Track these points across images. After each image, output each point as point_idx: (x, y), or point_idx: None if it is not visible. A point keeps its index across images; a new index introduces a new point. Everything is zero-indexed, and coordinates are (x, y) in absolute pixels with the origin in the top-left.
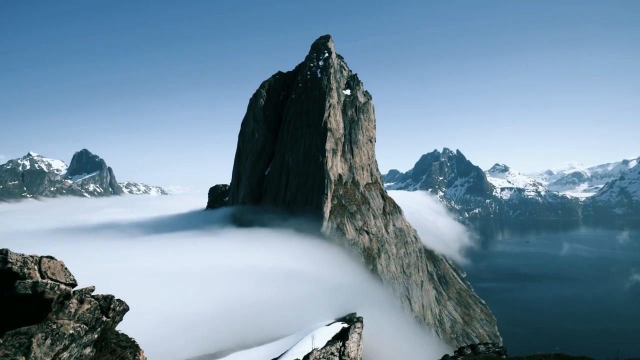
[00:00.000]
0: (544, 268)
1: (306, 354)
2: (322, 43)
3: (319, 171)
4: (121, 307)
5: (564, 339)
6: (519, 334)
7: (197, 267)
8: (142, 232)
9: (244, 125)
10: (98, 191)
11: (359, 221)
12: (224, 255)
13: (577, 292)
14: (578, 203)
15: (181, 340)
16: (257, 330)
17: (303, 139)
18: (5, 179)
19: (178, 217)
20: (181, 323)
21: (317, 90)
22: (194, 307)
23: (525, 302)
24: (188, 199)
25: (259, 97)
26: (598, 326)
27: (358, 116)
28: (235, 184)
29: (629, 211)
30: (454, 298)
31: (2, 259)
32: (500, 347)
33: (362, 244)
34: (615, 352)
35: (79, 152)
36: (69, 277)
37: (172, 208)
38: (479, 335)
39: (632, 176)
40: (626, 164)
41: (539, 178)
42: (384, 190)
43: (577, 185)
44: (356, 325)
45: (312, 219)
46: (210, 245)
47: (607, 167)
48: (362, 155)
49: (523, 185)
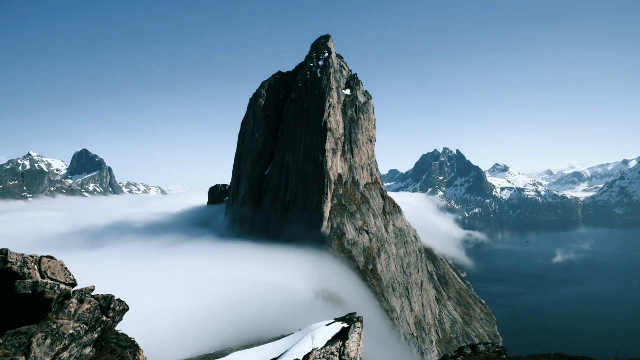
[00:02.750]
0: (544, 268)
1: (306, 354)
2: (322, 43)
3: (319, 171)
4: (121, 307)
5: (564, 339)
6: (519, 334)
7: (198, 269)
8: (142, 232)
9: (244, 125)
10: (98, 191)
11: (359, 221)
12: (224, 263)
13: (577, 292)
14: (578, 203)
15: (181, 340)
16: (257, 330)
17: (303, 139)
18: (5, 179)
19: (178, 217)
20: (181, 323)
21: (317, 90)
22: (194, 307)
23: (525, 302)
24: (188, 198)
25: (259, 97)
26: (598, 326)
27: (358, 116)
28: (235, 183)
29: (629, 211)
30: (454, 298)
31: (2, 259)
32: (500, 347)
33: (362, 244)
34: (615, 352)
35: (79, 152)
36: (69, 277)
37: (172, 208)
38: (479, 335)
39: (632, 176)
40: (626, 164)
41: (539, 178)
42: (384, 190)
43: (577, 185)
44: (356, 325)
45: (312, 219)
46: (211, 249)
47: (607, 167)
48: (362, 155)
49: (523, 185)
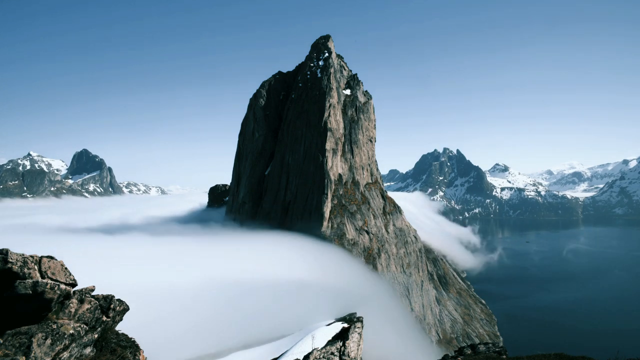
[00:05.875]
0: (544, 268)
1: (306, 354)
2: (322, 43)
3: (319, 171)
4: (121, 307)
5: (564, 339)
6: (519, 334)
7: (198, 267)
8: (141, 232)
9: (244, 125)
10: (98, 191)
11: (359, 221)
12: (224, 256)
13: (577, 291)
14: (578, 203)
15: (181, 340)
16: (257, 330)
17: (303, 139)
18: (5, 179)
19: (178, 216)
20: (181, 323)
21: (317, 90)
22: (194, 307)
23: (525, 302)
24: (188, 198)
25: (259, 97)
26: (598, 326)
27: (358, 116)
28: (236, 183)
29: (629, 211)
30: (454, 298)
31: (2, 258)
32: (500, 347)
33: (362, 244)
34: (615, 352)
35: (79, 152)
36: (69, 277)
37: (172, 208)
38: (479, 335)
39: (632, 176)
40: (626, 164)
41: (539, 178)
42: (384, 190)
43: (577, 185)
44: (356, 325)
45: (312, 219)
46: (211, 245)
47: (607, 167)
48: (362, 155)
49: (523, 185)
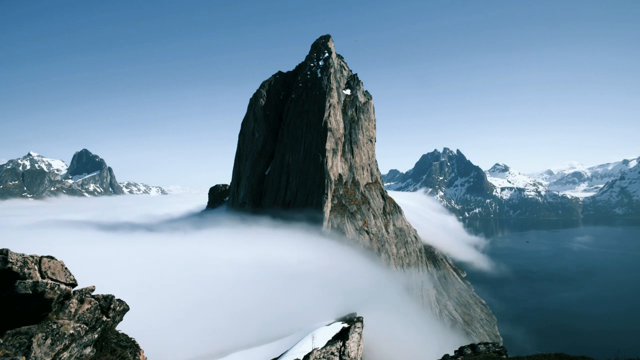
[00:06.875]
0: (544, 268)
1: (306, 354)
2: (322, 43)
3: (319, 171)
4: (121, 307)
5: (564, 339)
6: (519, 334)
7: (197, 267)
8: (141, 232)
9: (244, 125)
10: (98, 191)
11: (359, 221)
12: (223, 253)
13: (578, 291)
14: (578, 203)
15: (181, 340)
16: (257, 330)
17: (303, 139)
18: (5, 179)
19: (178, 216)
20: (181, 323)
21: (317, 90)
22: (194, 307)
23: (525, 302)
24: (188, 198)
25: (259, 97)
26: (598, 326)
27: (358, 116)
28: (236, 183)
29: (629, 211)
30: (454, 298)
31: (2, 258)
32: (500, 347)
33: (362, 244)
34: (616, 352)
35: (79, 152)
36: (69, 277)
37: (172, 208)
38: (479, 335)
39: (633, 176)
40: (626, 164)
41: (539, 178)
42: (384, 190)
43: (577, 185)
44: (356, 325)
45: (312, 219)
46: (211, 245)
47: (607, 167)
48: (362, 155)
49: (523, 185)
